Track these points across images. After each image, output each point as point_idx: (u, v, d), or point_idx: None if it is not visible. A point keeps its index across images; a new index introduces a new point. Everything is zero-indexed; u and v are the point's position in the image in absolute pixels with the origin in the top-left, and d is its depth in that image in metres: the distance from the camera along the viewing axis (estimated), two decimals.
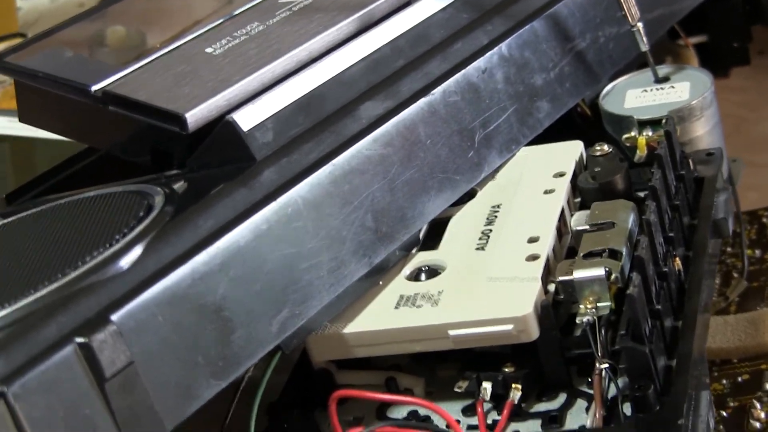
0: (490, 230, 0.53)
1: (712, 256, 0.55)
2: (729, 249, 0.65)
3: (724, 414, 0.54)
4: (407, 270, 0.53)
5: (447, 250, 0.53)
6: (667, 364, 0.48)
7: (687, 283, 0.52)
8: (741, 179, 0.66)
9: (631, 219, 0.52)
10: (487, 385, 0.49)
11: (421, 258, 0.53)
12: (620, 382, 0.47)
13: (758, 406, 0.54)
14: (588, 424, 0.47)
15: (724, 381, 0.56)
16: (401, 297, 0.51)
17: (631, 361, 0.46)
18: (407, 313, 0.49)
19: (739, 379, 0.56)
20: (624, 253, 0.49)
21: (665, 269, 0.50)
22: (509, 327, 0.47)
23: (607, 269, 0.48)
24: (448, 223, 0.55)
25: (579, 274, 0.48)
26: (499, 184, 0.57)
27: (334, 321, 0.50)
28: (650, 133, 0.60)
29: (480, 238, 0.53)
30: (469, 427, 0.49)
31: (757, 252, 0.64)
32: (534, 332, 0.48)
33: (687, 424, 0.45)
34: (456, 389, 0.49)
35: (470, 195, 0.56)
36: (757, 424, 0.53)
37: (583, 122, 0.66)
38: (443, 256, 0.53)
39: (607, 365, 0.47)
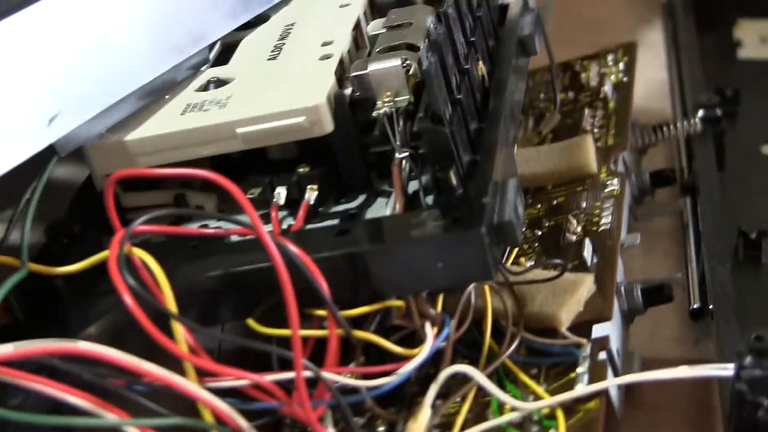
0: (284, 44, 0.50)
1: (519, 73, 0.52)
2: (542, 95, 0.63)
3: (539, 233, 0.52)
4: (196, 83, 0.49)
5: (238, 64, 0.50)
6: (472, 159, 0.45)
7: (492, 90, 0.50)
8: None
9: (429, 19, 0.49)
10: (280, 190, 0.45)
11: (211, 73, 0.50)
12: (423, 177, 0.44)
13: (573, 221, 0.51)
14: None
15: (539, 205, 0.54)
16: (188, 105, 0.47)
17: (430, 144, 0.43)
18: (194, 117, 0.46)
19: (554, 202, 0.53)
20: (423, 49, 0.46)
21: (466, 66, 0.48)
22: (301, 119, 0.44)
23: (404, 60, 0.45)
24: (240, 43, 0.52)
25: (374, 66, 0.46)
26: (293, 5, 0.54)
27: (115, 131, 0.46)
28: None
29: (272, 51, 0.50)
30: None
31: (571, 94, 0.62)
32: (328, 124, 0.44)
33: (493, 204, 0.42)
34: (249, 195, 0.46)
35: (264, 20, 0.53)
36: (573, 237, 0.51)
37: None
38: (234, 70, 0.49)
39: (406, 153, 0.44)
